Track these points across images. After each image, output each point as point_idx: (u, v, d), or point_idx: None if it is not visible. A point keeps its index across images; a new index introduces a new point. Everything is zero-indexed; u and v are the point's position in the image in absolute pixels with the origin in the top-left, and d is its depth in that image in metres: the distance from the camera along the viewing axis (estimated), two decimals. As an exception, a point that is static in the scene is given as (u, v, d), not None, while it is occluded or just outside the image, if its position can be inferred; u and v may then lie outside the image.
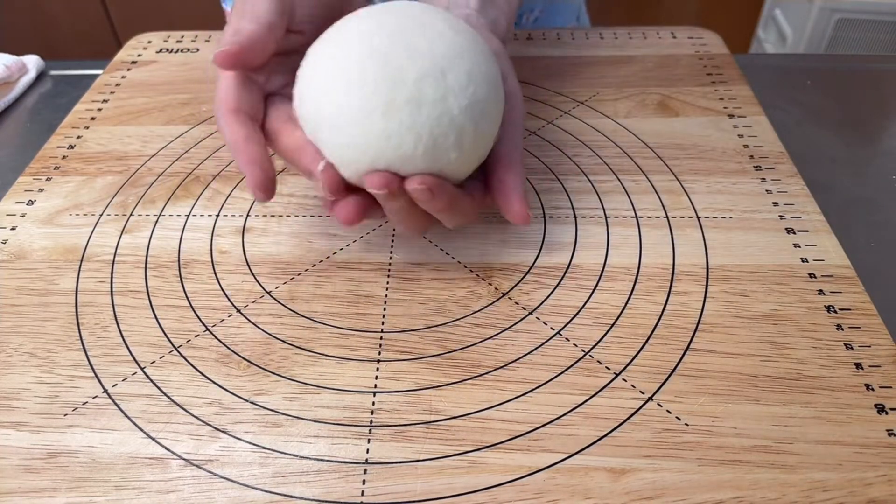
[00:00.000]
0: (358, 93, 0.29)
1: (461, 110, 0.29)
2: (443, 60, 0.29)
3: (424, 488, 0.27)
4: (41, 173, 0.44)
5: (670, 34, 0.56)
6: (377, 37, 0.30)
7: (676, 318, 0.33)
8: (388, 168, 0.30)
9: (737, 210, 0.39)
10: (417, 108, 0.29)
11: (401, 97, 0.28)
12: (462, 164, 0.31)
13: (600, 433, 0.29)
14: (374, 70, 0.29)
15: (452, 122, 0.29)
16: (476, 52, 0.31)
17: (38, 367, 0.32)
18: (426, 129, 0.29)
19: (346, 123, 0.29)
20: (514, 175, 0.33)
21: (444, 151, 0.30)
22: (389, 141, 0.29)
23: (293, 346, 0.33)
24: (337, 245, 0.38)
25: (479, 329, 0.33)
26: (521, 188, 0.33)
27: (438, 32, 0.30)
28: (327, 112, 0.30)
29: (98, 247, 0.38)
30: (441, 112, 0.29)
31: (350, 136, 0.29)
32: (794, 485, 0.27)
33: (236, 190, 0.42)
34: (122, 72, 0.53)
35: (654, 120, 0.46)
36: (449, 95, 0.29)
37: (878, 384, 0.30)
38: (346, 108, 0.29)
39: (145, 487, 0.27)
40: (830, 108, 0.51)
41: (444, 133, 0.29)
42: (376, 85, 0.29)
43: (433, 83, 0.29)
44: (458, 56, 0.30)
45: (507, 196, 0.33)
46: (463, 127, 0.30)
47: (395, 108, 0.28)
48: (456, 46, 0.30)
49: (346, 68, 0.29)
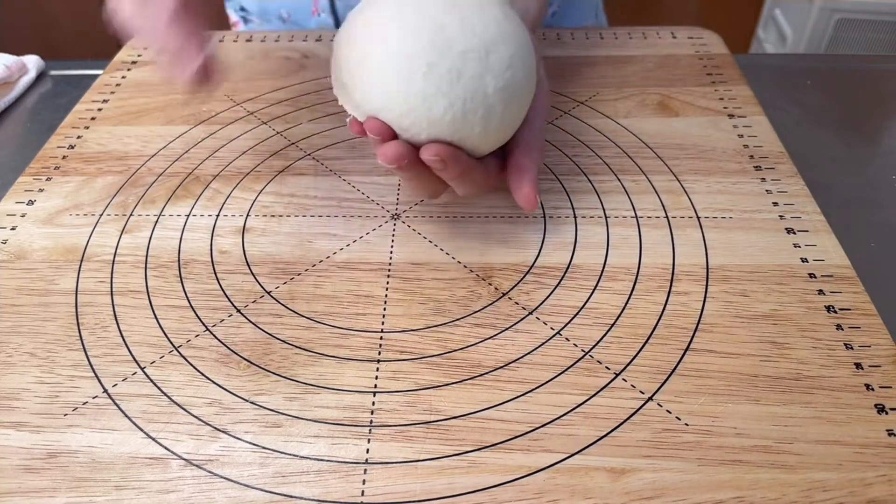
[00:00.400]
0: (408, 50, 0.30)
1: (495, 90, 0.31)
2: (490, 41, 0.31)
3: (424, 488, 0.27)
4: (41, 173, 0.44)
5: (670, 34, 0.56)
6: (435, 2, 0.31)
7: (676, 318, 0.33)
8: (413, 125, 0.31)
9: (737, 210, 0.39)
10: (457, 79, 0.30)
11: (444, 65, 0.30)
12: (483, 139, 0.32)
13: (600, 433, 0.29)
14: (428, 34, 0.30)
15: (485, 99, 0.31)
16: (520, 40, 0.32)
17: (38, 367, 0.32)
18: (459, 100, 0.30)
19: (390, 73, 0.30)
20: (531, 160, 0.34)
21: (469, 124, 0.31)
22: (424, 101, 0.30)
23: (293, 346, 0.33)
24: (337, 245, 0.38)
25: (479, 329, 0.33)
26: (535, 173, 0.34)
27: (492, 15, 0.32)
28: (376, 59, 0.31)
29: (98, 247, 0.38)
30: (476, 87, 0.31)
31: (389, 85, 0.31)
32: (794, 485, 0.27)
33: (236, 190, 0.42)
34: (122, 72, 0.53)
35: (654, 120, 0.46)
36: (487, 74, 0.31)
37: (878, 384, 0.30)
38: (393, 59, 0.30)
39: (145, 487, 0.27)
40: (830, 108, 0.51)
41: (474, 108, 0.31)
42: (425, 47, 0.30)
43: (476, 59, 0.30)
44: (504, 41, 0.31)
45: (519, 178, 0.34)
46: (493, 106, 0.31)
47: (436, 73, 0.30)
48: (505, 31, 0.32)
49: (402, 25, 0.31)
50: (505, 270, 0.36)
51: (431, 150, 0.31)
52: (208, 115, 0.48)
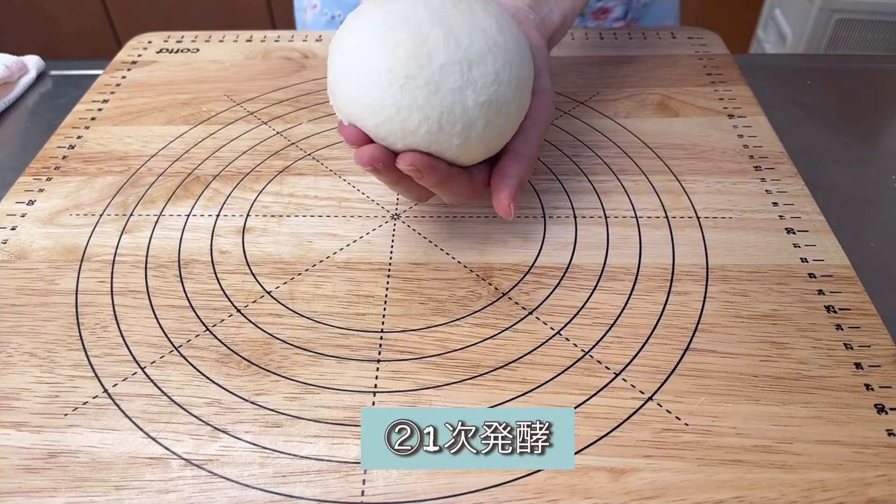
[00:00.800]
0: (385, 61, 0.30)
1: (476, 104, 0.31)
2: (475, 55, 0.31)
3: (424, 488, 0.27)
4: (41, 173, 0.44)
5: (670, 34, 0.56)
6: (423, 14, 0.31)
7: (676, 318, 0.33)
8: (389, 136, 0.31)
9: (736, 210, 0.39)
10: (434, 92, 0.30)
11: (421, 78, 0.30)
12: (464, 152, 0.32)
13: (600, 433, 0.29)
14: (408, 46, 0.30)
15: (465, 113, 0.30)
16: (514, 53, 0.32)
17: (38, 367, 0.32)
18: (435, 113, 0.30)
19: (367, 83, 0.30)
20: (516, 168, 0.34)
21: (447, 137, 0.31)
22: (399, 113, 0.30)
23: (293, 346, 0.33)
24: (337, 245, 0.38)
25: (479, 329, 0.33)
26: (517, 181, 0.33)
27: (482, 27, 0.31)
28: (357, 67, 0.31)
29: (98, 247, 0.38)
30: (455, 101, 0.30)
31: (365, 95, 0.31)
32: (794, 485, 0.27)
33: (236, 190, 0.42)
34: (122, 72, 0.53)
35: (654, 120, 0.46)
36: (468, 88, 0.30)
37: (878, 384, 0.30)
38: (373, 70, 0.30)
39: (145, 487, 0.27)
40: (830, 108, 0.51)
41: (451, 121, 0.30)
42: (404, 60, 0.30)
43: (457, 73, 0.30)
44: (493, 53, 0.31)
45: (500, 185, 0.33)
46: (473, 120, 0.31)
47: (413, 86, 0.30)
48: (495, 45, 0.31)
49: (384, 36, 0.31)
50: (505, 270, 0.36)
51: (406, 160, 0.31)
52: (208, 115, 0.48)
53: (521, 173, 0.34)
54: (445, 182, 0.32)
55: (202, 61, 0.54)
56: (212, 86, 0.51)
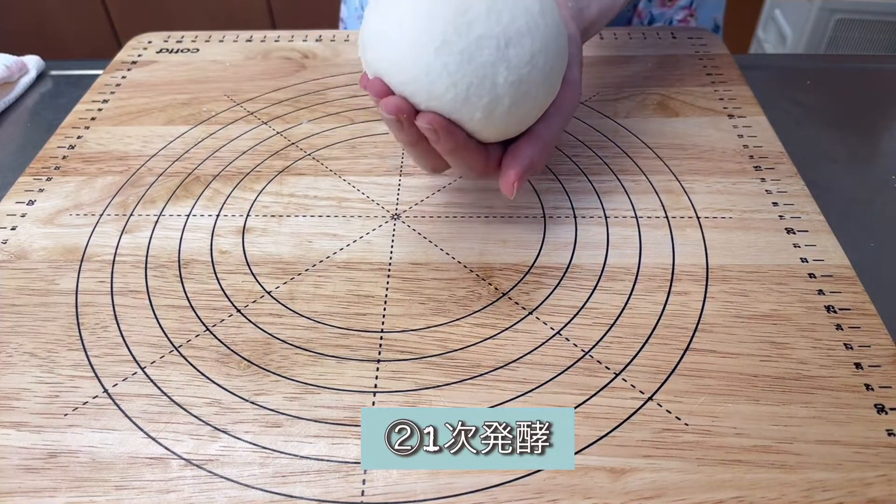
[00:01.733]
0: (424, 23, 0.30)
1: (506, 82, 0.31)
2: (514, 33, 0.31)
3: (424, 488, 0.27)
4: (41, 173, 0.44)
5: (670, 34, 0.56)
6: None
7: (676, 318, 0.33)
8: (414, 95, 0.31)
9: (736, 210, 0.39)
10: (467, 62, 0.30)
11: (457, 45, 0.30)
12: (485, 126, 0.32)
13: (600, 433, 0.29)
14: (449, 12, 0.30)
15: (493, 88, 0.31)
16: (552, 40, 0.32)
17: (38, 367, 0.32)
18: (464, 82, 0.30)
19: (401, 40, 0.31)
20: (531, 148, 0.33)
21: (470, 109, 0.31)
22: (428, 76, 0.30)
23: (293, 346, 0.33)
24: (337, 245, 0.38)
25: (479, 329, 0.33)
26: (528, 162, 0.33)
27: (526, 6, 0.31)
28: (396, 26, 0.31)
29: (98, 247, 0.38)
30: (486, 75, 0.30)
31: (398, 52, 0.31)
32: (794, 485, 0.27)
33: (236, 190, 0.42)
34: (122, 72, 0.53)
35: (654, 120, 0.46)
36: (501, 64, 0.30)
37: (878, 384, 0.30)
38: (409, 29, 0.30)
39: (145, 487, 0.27)
40: (830, 108, 0.51)
41: (478, 94, 0.30)
42: (443, 25, 0.30)
43: (493, 47, 0.30)
44: (531, 35, 0.31)
45: (510, 162, 0.33)
46: (500, 97, 0.31)
47: (447, 52, 0.30)
48: (535, 26, 0.31)
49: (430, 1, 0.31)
50: (505, 270, 0.36)
51: (426, 118, 0.31)
52: (208, 115, 0.48)
53: (535, 156, 0.33)
54: (460, 151, 0.32)
55: (202, 61, 0.54)
56: (212, 86, 0.51)
